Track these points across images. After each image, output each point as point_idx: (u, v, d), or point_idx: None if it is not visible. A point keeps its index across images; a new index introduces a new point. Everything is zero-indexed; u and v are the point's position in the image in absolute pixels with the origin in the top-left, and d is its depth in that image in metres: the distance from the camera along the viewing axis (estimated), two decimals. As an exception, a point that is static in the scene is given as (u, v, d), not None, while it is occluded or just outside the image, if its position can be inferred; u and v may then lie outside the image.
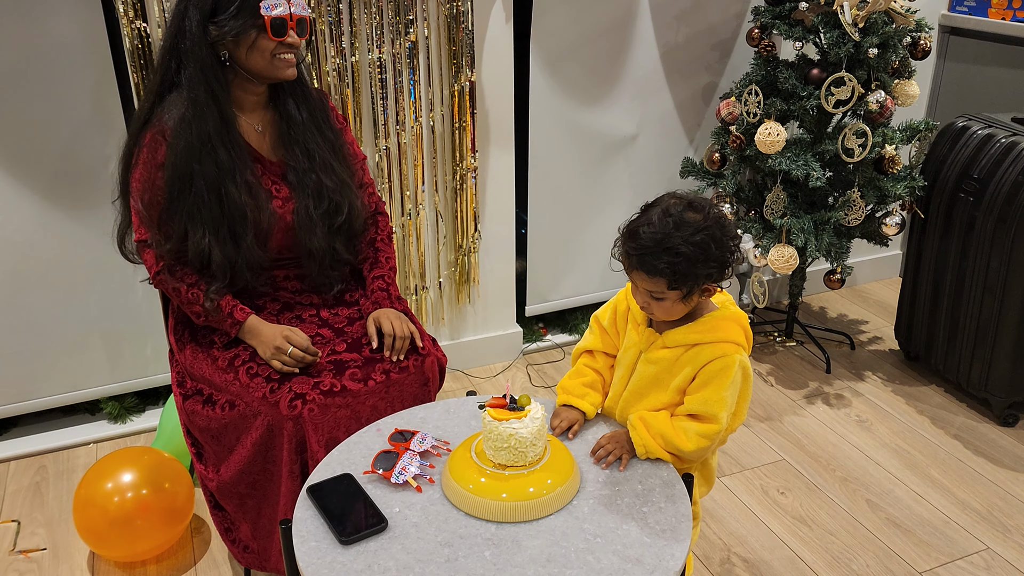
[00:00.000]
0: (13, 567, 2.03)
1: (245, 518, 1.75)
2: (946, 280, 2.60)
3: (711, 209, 1.40)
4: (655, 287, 1.39)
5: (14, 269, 2.28)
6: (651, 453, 1.45)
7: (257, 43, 1.62)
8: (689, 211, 1.38)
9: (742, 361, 1.43)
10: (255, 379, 1.65)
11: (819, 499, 2.25)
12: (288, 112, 1.77)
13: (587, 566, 1.24)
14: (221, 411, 1.67)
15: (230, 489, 1.71)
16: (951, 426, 2.56)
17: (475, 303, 2.80)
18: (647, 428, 1.45)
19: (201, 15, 1.60)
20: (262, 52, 1.63)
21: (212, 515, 1.82)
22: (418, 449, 1.47)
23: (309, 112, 1.79)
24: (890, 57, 2.48)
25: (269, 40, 1.62)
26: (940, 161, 2.57)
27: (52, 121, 2.19)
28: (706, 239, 1.36)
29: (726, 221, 1.41)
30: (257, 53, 1.63)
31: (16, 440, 2.47)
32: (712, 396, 1.42)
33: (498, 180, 2.66)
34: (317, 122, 1.80)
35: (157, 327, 2.46)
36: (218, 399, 1.69)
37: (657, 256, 1.36)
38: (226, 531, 1.81)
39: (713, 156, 2.76)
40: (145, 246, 1.72)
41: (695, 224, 1.36)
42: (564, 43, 2.64)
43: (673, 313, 1.43)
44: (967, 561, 2.04)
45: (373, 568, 1.24)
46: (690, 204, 1.40)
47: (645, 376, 1.49)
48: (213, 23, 1.60)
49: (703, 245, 1.36)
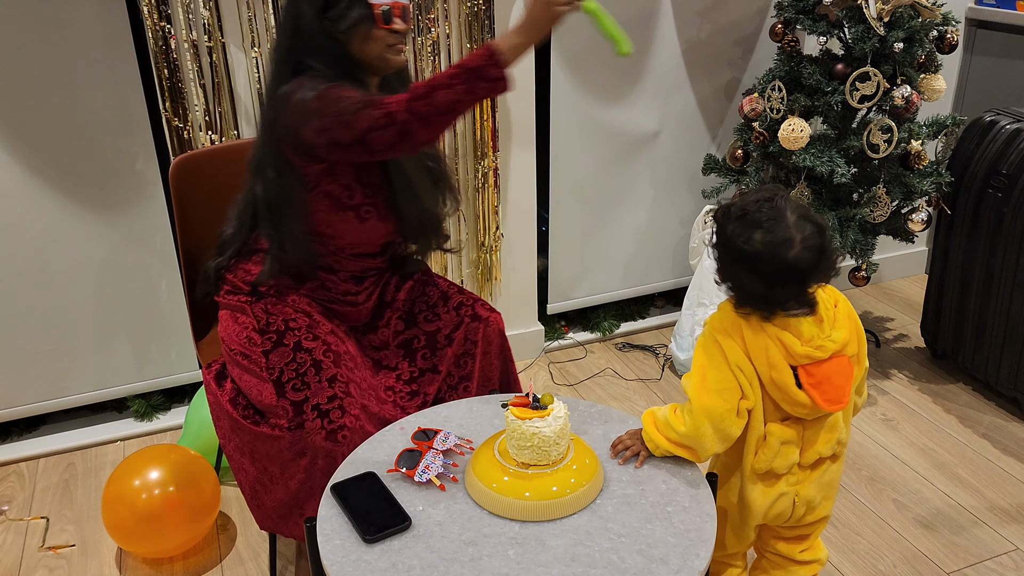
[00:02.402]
0: (43, 563, 2.06)
1: (271, 482, 1.72)
2: (974, 277, 2.57)
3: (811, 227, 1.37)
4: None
5: (42, 268, 2.31)
6: (660, 448, 1.44)
7: (370, 33, 1.63)
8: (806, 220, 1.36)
9: (712, 331, 1.41)
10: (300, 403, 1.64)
11: (845, 499, 2.23)
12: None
13: (612, 566, 1.24)
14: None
15: (275, 447, 1.69)
16: (979, 425, 2.52)
17: (497, 301, 2.80)
18: (655, 422, 1.45)
19: (314, 11, 1.61)
20: (376, 42, 1.64)
21: (236, 475, 1.76)
22: (441, 448, 1.48)
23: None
24: (916, 51, 2.45)
25: (380, 29, 1.63)
26: (967, 156, 2.54)
27: (78, 122, 2.21)
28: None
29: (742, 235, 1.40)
30: (371, 43, 1.64)
31: (45, 437, 2.50)
32: (690, 371, 1.44)
33: (519, 178, 2.66)
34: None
35: (183, 326, 2.49)
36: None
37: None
38: (252, 495, 1.76)
39: (736, 153, 2.74)
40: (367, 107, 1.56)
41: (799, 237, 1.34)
42: (585, 40, 2.63)
43: None
44: (995, 562, 2.01)
45: (397, 567, 1.25)
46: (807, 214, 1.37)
47: None
48: (326, 17, 1.61)
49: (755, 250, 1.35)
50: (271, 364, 1.68)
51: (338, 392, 1.64)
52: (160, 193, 2.35)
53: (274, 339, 1.71)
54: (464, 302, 1.89)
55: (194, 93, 2.18)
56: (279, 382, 1.66)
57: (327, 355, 1.69)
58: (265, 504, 1.72)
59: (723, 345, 1.39)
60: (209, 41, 2.15)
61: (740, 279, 1.39)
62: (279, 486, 1.68)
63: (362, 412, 1.65)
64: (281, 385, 1.65)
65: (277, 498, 1.69)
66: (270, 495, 1.70)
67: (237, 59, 2.21)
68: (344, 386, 1.66)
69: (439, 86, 1.48)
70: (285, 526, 1.72)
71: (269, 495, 1.70)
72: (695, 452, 1.43)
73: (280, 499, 1.69)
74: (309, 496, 1.64)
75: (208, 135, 2.23)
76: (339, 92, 1.58)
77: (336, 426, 1.59)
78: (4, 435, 2.50)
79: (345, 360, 1.72)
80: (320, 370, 1.66)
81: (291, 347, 1.69)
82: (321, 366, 1.67)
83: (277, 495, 1.69)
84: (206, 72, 2.18)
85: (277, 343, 1.70)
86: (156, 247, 2.40)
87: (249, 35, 2.19)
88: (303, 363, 1.67)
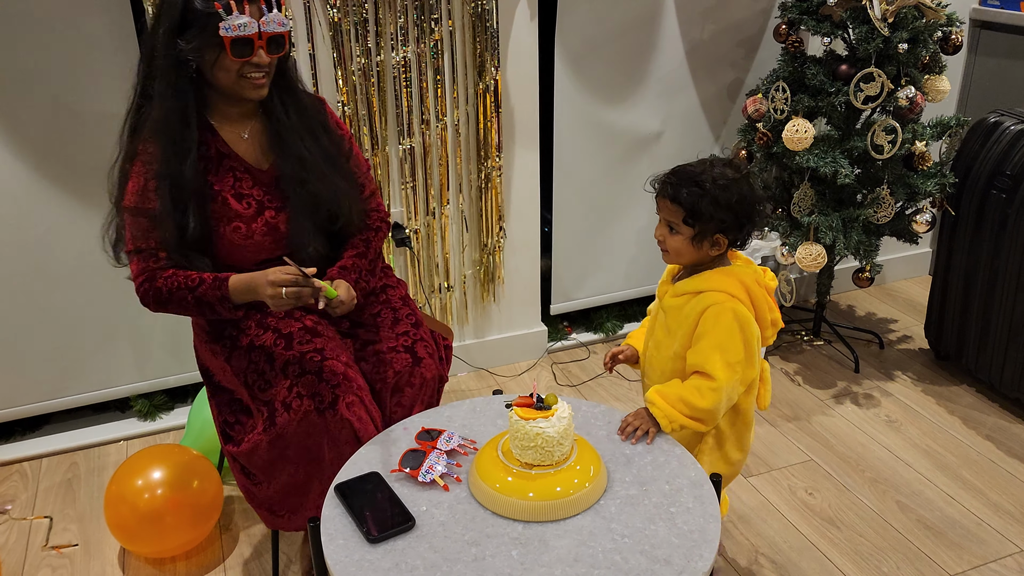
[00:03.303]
0: (46, 562, 2.06)
1: (271, 480, 1.72)
2: (978, 278, 2.56)
3: (748, 172, 1.57)
4: (674, 216, 1.54)
5: (45, 268, 2.31)
6: (675, 422, 1.51)
7: (220, 62, 1.57)
8: (728, 168, 1.54)
9: (735, 308, 1.52)
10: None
11: (848, 500, 2.22)
12: (277, 117, 1.69)
13: (615, 566, 1.24)
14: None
15: (260, 457, 1.70)
16: (983, 426, 2.52)
17: (500, 302, 2.80)
18: (665, 399, 1.53)
19: (171, 30, 1.55)
20: (227, 71, 1.58)
21: (237, 479, 1.76)
22: (445, 448, 1.48)
23: (299, 116, 1.71)
24: (920, 52, 2.45)
25: (232, 60, 1.56)
26: (971, 157, 2.53)
27: (80, 119, 2.21)
28: (732, 187, 1.51)
29: (758, 187, 1.57)
30: (222, 72, 1.58)
31: (48, 437, 2.50)
32: (706, 349, 1.52)
33: (523, 178, 2.66)
34: (310, 126, 1.73)
35: (186, 326, 2.48)
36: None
37: (686, 186, 1.52)
38: (251, 495, 1.76)
39: (740, 153, 2.74)
40: (136, 255, 1.66)
41: (728, 175, 1.52)
42: (589, 41, 2.63)
43: (682, 254, 1.56)
44: (1000, 564, 2.01)
45: (401, 567, 1.24)
46: (730, 163, 1.56)
47: (660, 325, 1.63)
48: (182, 38, 1.55)
49: (727, 191, 1.50)
50: (235, 370, 1.70)
51: (292, 378, 1.63)
52: (163, 193, 2.35)
53: (228, 344, 1.72)
54: (410, 333, 1.79)
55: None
56: (247, 385, 1.68)
57: (277, 343, 1.67)
58: (268, 499, 1.73)
59: (740, 317, 1.52)
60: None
61: (732, 215, 1.52)
62: (271, 484, 1.70)
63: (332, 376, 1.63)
64: (250, 388, 1.67)
65: (273, 491, 1.71)
66: (263, 491, 1.72)
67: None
68: (297, 367, 1.63)
69: (176, 299, 1.64)
70: (288, 520, 1.73)
71: (262, 491, 1.72)
72: (706, 423, 1.54)
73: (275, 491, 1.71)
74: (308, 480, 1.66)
75: (212, 135, 2.23)
76: (134, 218, 1.62)
77: (324, 405, 1.60)
78: (7, 435, 2.50)
79: (298, 336, 1.69)
80: (273, 361, 1.66)
81: (245, 348, 1.70)
82: (274, 357, 1.66)
83: (273, 488, 1.71)
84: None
85: (232, 347, 1.71)
86: (159, 247, 2.41)
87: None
88: (258, 361, 1.67)
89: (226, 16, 1.52)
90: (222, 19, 1.52)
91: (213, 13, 1.52)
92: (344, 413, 1.60)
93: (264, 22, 1.56)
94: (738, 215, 1.52)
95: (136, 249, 1.64)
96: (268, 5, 1.58)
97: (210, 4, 1.53)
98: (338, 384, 1.61)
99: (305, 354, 1.65)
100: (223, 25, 1.52)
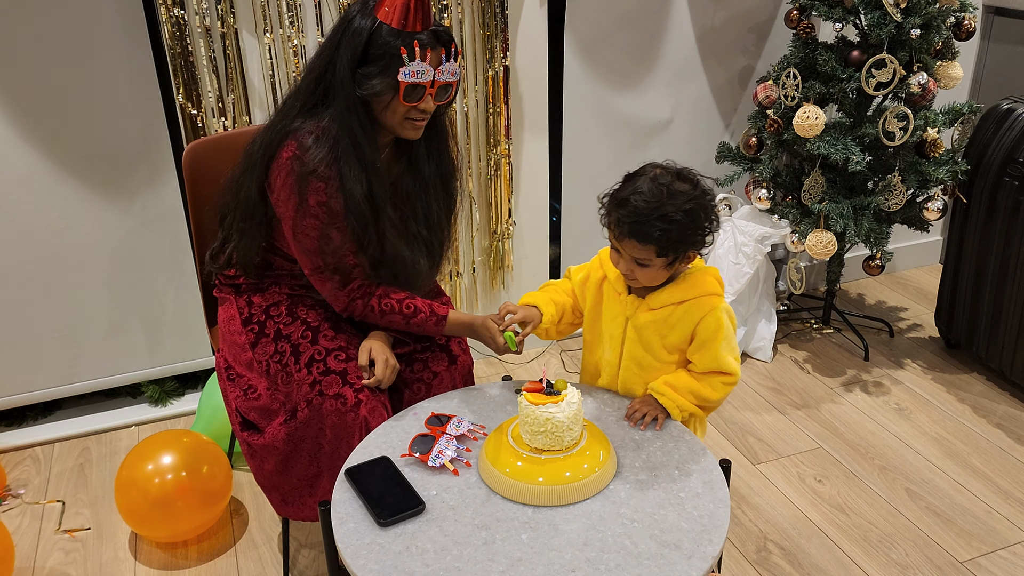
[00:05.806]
0: (58, 546, 2.08)
1: (286, 472, 1.73)
2: (989, 266, 2.55)
3: (698, 179, 1.48)
4: (644, 254, 1.45)
5: (56, 254, 2.32)
6: (686, 410, 1.53)
7: (391, 104, 1.57)
8: (678, 181, 1.45)
9: (726, 308, 1.52)
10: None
11: (857, 487, 2.22)
12: (416, 159, 1.72)
13: (624, 550, 1.24)
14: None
15: (277, 449, 1.71)
16: (993, 415, 2.51)
17: (509, 289, 2.80)
18: (675, 390, 1.53)
19: (352, 58, 1.54)
20: (394, 112, 1.58)
21: (251, 466, 1.77)
22: (455, 433, 1.48)
23: (437, 167, 1.74)
24: (933, 38, 2.43)
25: (401, 104, 1.57)
26: (984, 144, 2.52)
27: (92, 107, 2.22)
28: (696, 208, 1.43)
29: (710, 191, 1.50)
30: (389, 112, 1.59)
31: (60, 422, 2.52)
32: (719, 354, 1.50)
33: (532, 166, 2.66)
34: (440, 180, 1.76)
35: (196, 312, 2.50)
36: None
37: (651, 224, 1.41)
38: (264, 483, 1.77)
39: (750, 140, 2.72)
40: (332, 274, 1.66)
41: (686, 193, 1.44)
42: (598, 27, 2.62)
43: (657, 279, 1.50)
44: (1009, 551, 2.00)
45: (411, 550, 1.25)
46: (678, 174, 1.47)
47: (637, 343, 1.56)
48: (360, 71, 1.56)
49: (694, 213, 1.43)
50: (258, 359, 1.70)
51: (316, 376, 1.63)
52: (174, 179, 2.36)
53: (256, 330, 1.72)
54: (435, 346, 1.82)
55: (207, 79, 2.18)
56: (269, 375, 1.68)
57: (305, 335, 1.69)
58: (280, 487, 1.73)
59: (728, 312, 1.53)
60: (223, 27, 2.15)
61: (703, 231, 1.47)
62: (284, 475, 1.70)
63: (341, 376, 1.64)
64: (272, 378, 1.67)
65: (285, 481, 1.71)
66: (276, 480, 1.72)
67: (250, 45, 2.21)
68: (322, 364, 1.64)
69: (387, 321, 1.68)
70: (298, 509, 1.73)
71: (275, 480, 1.73)
72: (710, 409, 1.57)
73: (289, 481, 1.70)
74: (318, 476, 1.67)
75: (221, 121, 2.23)
76: (330, 231, 1.60)
77: (344, 407, 1.60)
78: (20, 419, 2.52)
79: (324, 331, 1.70)
80: (299, 355, 1.66)
81: (272, 336, 1.70)
82: (299, 350, 1.67)
83: (286, 479, 1.71)
84: (219, 58, 2.18)
85: (259, 334, 1.71)
86: (170, 233, 2.41)
87: (262, 21, 2.19)
88: (284, 352, 1.67)
89: (408, 62, 1.52)
90: (404, 64, 1.52)
91: (397, 56, 1.52)
92: (365, 415, 1.60)
93: (440, 71, 1.57)
94: (709, 226, 1.47)
95: (332, 266, 1.64)
96: (447, 55, 1.58)
97: (397, 46, 1.52)
98: (362, 388, 1.62)
99: (331, 352, 1.66)
100: (403, 70, 1.52)
